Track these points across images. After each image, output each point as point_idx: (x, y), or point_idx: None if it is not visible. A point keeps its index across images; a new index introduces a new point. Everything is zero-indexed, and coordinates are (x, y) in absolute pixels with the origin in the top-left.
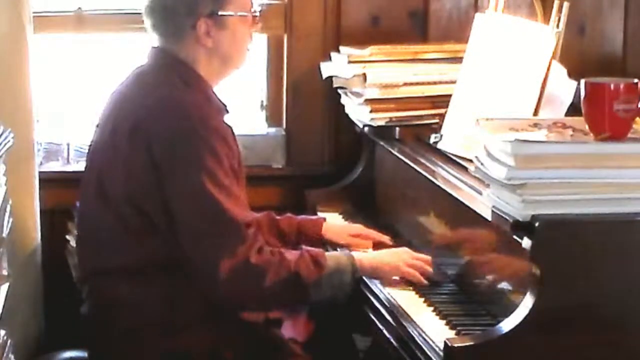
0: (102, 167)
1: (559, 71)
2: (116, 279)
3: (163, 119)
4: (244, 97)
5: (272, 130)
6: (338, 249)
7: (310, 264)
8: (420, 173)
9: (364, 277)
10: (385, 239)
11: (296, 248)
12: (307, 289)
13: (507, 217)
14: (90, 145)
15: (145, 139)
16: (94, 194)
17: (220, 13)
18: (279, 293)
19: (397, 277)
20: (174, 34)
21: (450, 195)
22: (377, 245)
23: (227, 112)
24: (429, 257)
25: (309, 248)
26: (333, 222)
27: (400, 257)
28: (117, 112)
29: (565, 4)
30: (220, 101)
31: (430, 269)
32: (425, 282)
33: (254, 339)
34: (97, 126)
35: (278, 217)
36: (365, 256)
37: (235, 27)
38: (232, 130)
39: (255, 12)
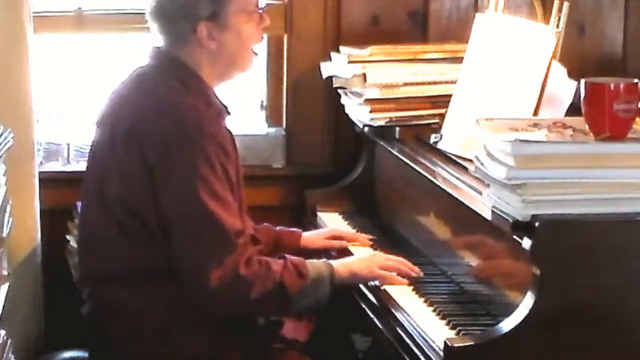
0: (101, 170)
1: (559, 71)
2: (116, 285)
3: (158, 123)
4: (244, 97)
5: (272, 130)
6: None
7: (294, 275)
8: (420, 173)
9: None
10: (361, 236)
11: (279, 256)
12: (291, 300)
13: (507, 217)
14: (91, 146)
15: (140, 142)
16: (93, 198)
17: (221, 14)
18: (264, 304)
19: (375, 282)
20: (177, 38)
21: (450, 195)
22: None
23: (229, 113)
24: (401, 258)
25: (292, 257)
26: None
27: (374, 260)
28: (116, 114)
29: (565, 4)
30: (221, 103)
31: (405, 268)
32: (405, 281)
33: (254, 341)
34: (97, 126)
35: (256, 227)
36: (342, 263)
37: (240, 26)
38: (231, 135)
39: (260, 9)
